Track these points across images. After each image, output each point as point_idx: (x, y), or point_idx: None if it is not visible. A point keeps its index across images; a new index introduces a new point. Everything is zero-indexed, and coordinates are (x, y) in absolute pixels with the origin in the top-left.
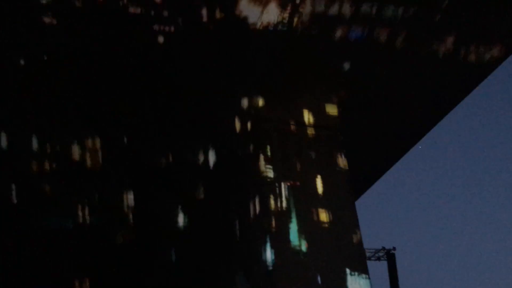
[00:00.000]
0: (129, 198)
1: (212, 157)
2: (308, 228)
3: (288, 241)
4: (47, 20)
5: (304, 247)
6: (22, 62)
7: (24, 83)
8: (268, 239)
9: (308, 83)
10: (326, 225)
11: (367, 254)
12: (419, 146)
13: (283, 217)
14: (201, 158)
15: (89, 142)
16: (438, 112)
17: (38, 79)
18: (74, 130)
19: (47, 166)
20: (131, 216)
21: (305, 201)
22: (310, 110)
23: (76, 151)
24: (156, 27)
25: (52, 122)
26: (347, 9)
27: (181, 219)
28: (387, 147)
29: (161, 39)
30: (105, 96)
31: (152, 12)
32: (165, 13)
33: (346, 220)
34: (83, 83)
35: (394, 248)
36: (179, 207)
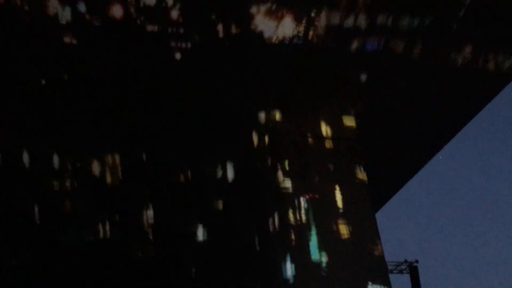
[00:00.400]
0: (149, 213)
1: (230, 171)
2: (328, 241)
3: (308, 254)
4: (67, 39)
5: (324, 261)
6: (43, 81)
7: (45, 101)
8: (288, 253)
9: (325, 95)
10: (346, 238)
11: (389, 267)
12: (439, 156)
13: (303, 231)
14: (220, 172)
15: (108, 159)
16: (458, 122)
17: (58, 97)
18: (94, 147)
19: (68, 182)
20: (151, 231)
21: (324, 214)
22: (327, 122)
23: (96, 167)
24: (173, 43)
25: (72, 139)
26: (362, 21)
27: (200, 234)
28: (406, 158)
29: (178, 55)
30: (124, 113)
31: (169, 29)
32: (182, 30)
33: (366, 232)
34: (102, 101)
35: (417, 261)
36: (199, 221)
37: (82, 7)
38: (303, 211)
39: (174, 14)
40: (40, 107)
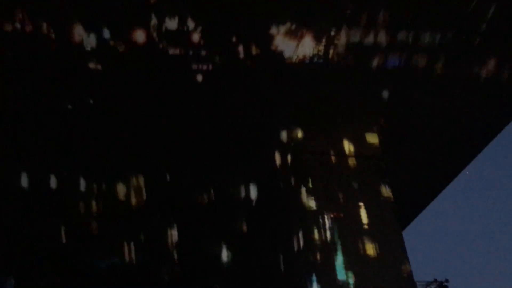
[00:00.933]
0: (173, 233)
1: (254, 191)
2: (354, 260)
3: (334, 274)
4: (92, 65)
5: (351, 281)
6: (69, 106)
7: (70, 125)
8: (313, 273)
9: (347, 113)
10: (373, 257)
11: (418, 287)
12: (466, 171)
13: (328, 250)
14: (243, 193)
15: (133, 181)
16: (484, 136)
17: (83, 121)
18: (119, 170)
19: (94, 205)
20: (175, 251)
21: (349, 233)
22: (350, 140)
23: (121, 189)
24: (194, 66)
25: (98, 162)
26: (383, 38)
27: (225, 255)
28: (432, 175)
29: (199, 77)
30: (148, 135)
31: (191, 52)
32: (203, 52)
33: (393, 251)
34: (126, 124)
35: (447, 280)
36: (223, 242)
37: (106, 34)
38: (328, 230)
39: (195, 37)
40: (66, 131)
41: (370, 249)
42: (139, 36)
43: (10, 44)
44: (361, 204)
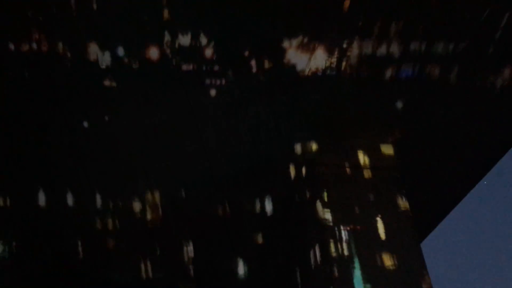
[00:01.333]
0: (189, 249)
1: (269, 205)
2: (372, 274)
3: None
4: (107, 83)
5: None
6: (85, 124)
7: (86, 143)
8: (331, 287)
9: (361, 124)
10: (391, 270)
11: None
12: (484, 181)
13: (345, 264)
14: (258, 206)
15: (149, 197)
16: (502, 145)
17: (99, 138)
18: (135, 186)
19: (110, 221)
20: (191, 267)
21: (367, 246)
22: (365, 151)
23: (136, 205)
24: (208, 81)
25: (114, 179)
26: (395, 49)
27: (241, 269)
28: (449, 185)
29: (213, 92)
30: (163, 151)
31: (204, 67)
32: (216, 67)
33: (412, 264)
34: (142, 140)
35: None
36: (239, 256)
37: (120, 51)
38: (344, 243)
39: (208, 52)
40: (82, 148)
41: (388, 261)
42: (153, 53)
43: (27, 64)
44: (378, 216)
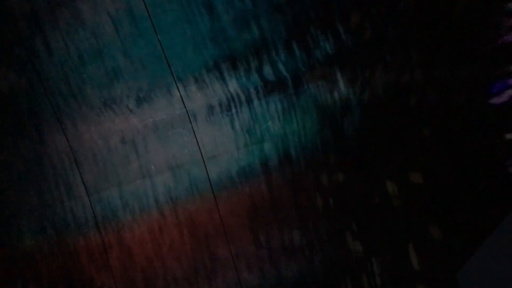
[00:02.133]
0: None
1: (297, 236)
2: None
3: None
4: None
5: None
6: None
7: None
8: None
9: (388, 153)
10: None
11: None
12: None
13: None
14: (287, 238)
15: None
16: None
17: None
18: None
19: None
20: None
21: (399, 277)
22: (393, 180)
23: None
24: None
25: None
26: (419, 76)
27: None
28: (483, 211)
29: None
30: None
31: None
32: None
33: None
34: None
35: None
36: None
37: None
38: (377, 275)
39: None
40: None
41: None
42: None
43: None
44: (410, 246)
